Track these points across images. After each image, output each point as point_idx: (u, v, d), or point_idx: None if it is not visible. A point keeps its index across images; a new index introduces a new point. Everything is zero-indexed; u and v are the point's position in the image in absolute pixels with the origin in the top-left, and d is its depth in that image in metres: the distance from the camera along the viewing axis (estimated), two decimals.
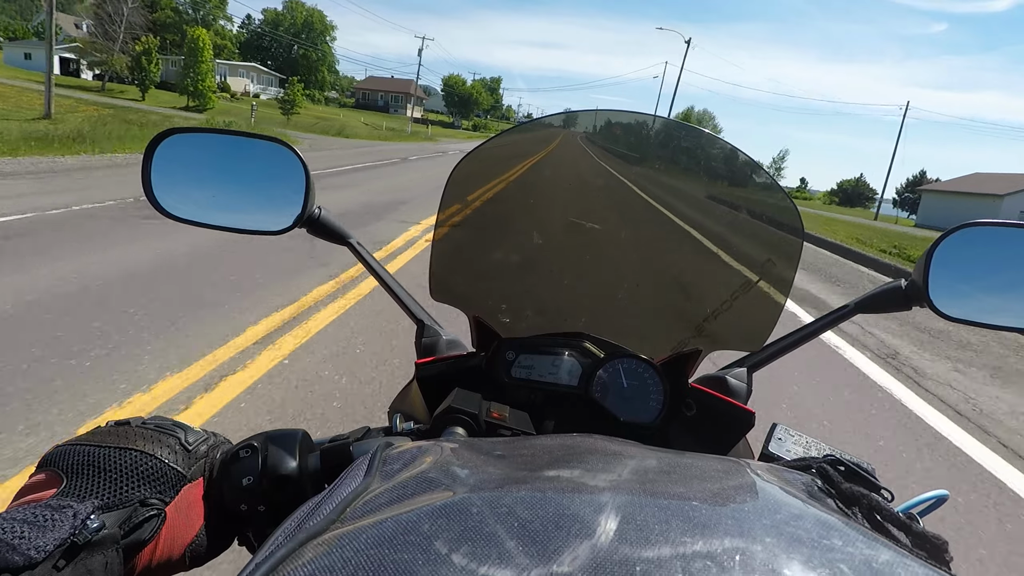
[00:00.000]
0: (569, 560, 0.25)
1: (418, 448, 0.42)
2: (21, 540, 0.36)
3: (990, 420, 3.94)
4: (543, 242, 0.86)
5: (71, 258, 4.58)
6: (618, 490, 0.33)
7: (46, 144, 11.27)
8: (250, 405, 2.73)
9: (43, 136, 11.83)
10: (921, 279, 0.68)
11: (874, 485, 0.48)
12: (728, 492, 0.35)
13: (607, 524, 0.28)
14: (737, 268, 0.80)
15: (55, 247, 4.84)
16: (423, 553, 0.26)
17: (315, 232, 0.81)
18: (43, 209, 6.15)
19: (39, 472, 0.45)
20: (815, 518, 0.32)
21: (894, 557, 0.28)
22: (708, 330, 0.78)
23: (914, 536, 0.40)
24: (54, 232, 5.34)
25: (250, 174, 0.79)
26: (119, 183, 8.46)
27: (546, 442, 0.44)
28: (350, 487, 0.35)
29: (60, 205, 6.46)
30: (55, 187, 7.68)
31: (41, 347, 2.97)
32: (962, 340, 5.86)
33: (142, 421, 0.50)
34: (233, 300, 4.07)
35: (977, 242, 0.68)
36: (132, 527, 0.43)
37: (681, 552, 0.26)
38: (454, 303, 0.81)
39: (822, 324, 0.76)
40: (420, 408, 0.74)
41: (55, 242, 5.00)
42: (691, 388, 0.73)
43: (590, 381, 0.72)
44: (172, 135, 0.75)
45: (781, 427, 0.65)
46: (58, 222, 5.73)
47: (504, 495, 0.32)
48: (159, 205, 0.75)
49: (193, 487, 0.49)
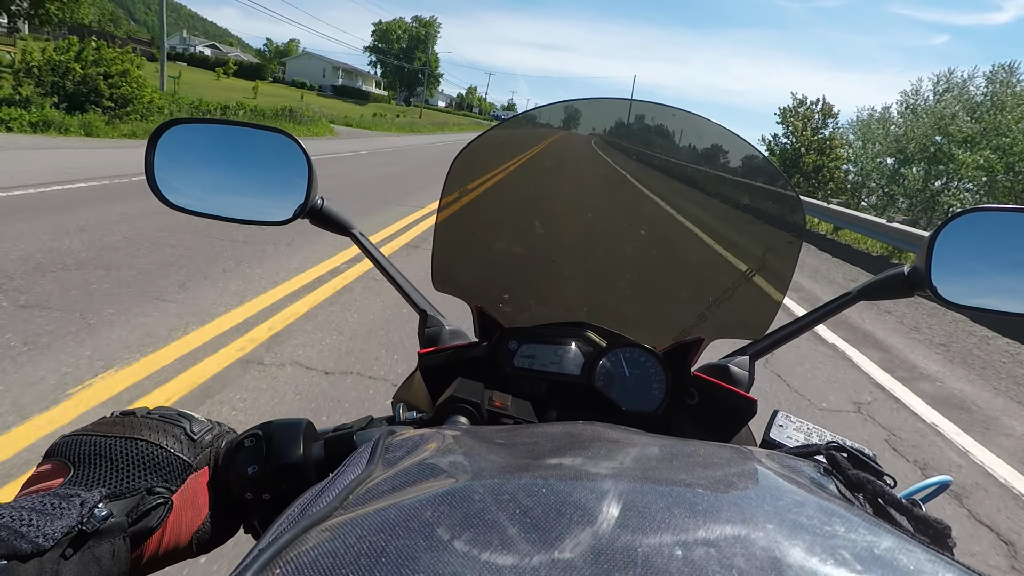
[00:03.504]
0: (571, 547, 0.25)
1: (420, 436, 0.42)
2: (29, 528, 0.37)
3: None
4: (544, 231, 0.86)
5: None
6: (620, 477, 0.33)
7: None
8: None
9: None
10: (924, 265, 0.67)
11: (877, 471, 0.48)
12: (730, 479, 0.35)
13: (609, 511, 0.28)
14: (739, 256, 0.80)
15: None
16: (425, 539, 0.26)
17: (317, 223, 0.81)
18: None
19: (46, 462, 0.46)
20: (817, 505, 0.32)
21: (896, 543, 0.28)
22: (710, 319, 0.78)
23: (917, 521, 0.40)
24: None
25: (253, 165, 0.79)
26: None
27: (548, 430, 0.45)
28: (353, 474, 0.36)
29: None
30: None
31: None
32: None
33: (147, 411, 0.51)
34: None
35: (980, 228, 0.67)
36: (139, 515, 0.44)
37: (683, 539, 0.26)
38: (457, 293, 0.82)
39: (824, 312, 0.76)
40: (423, 398, 0.74)
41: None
42: (693, 377, 0.73)
43: (592, 370, 0.72)
44: (175, 125, 0.75)
45: (782, 414, 0.65)
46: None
47: (506, 482, 0.32)
48: (162, 195, 0.75)
49: (199, 476, 0.49)
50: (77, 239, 4.65)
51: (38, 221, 5.01)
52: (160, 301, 3.66)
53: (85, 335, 3.05)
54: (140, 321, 3.33)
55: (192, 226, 5.26)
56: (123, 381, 2.68)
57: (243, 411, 2.58)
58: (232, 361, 3.03)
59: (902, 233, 9.28)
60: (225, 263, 4.59)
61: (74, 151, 9.80)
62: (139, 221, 5.41)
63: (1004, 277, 0.69)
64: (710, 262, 0.84)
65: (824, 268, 8.98)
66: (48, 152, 9.25)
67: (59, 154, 9.14)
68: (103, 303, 3.48)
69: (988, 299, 0.68)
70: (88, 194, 6.51)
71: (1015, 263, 0.68)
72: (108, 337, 3.07)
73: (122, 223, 5.30)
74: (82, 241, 4.62)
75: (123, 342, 3.04)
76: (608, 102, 0.84)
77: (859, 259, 10.02)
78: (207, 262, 4.56)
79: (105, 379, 2.67)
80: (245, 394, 2.73)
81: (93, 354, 2.87)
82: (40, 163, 8.00)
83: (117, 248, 4.60)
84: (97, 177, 7.46)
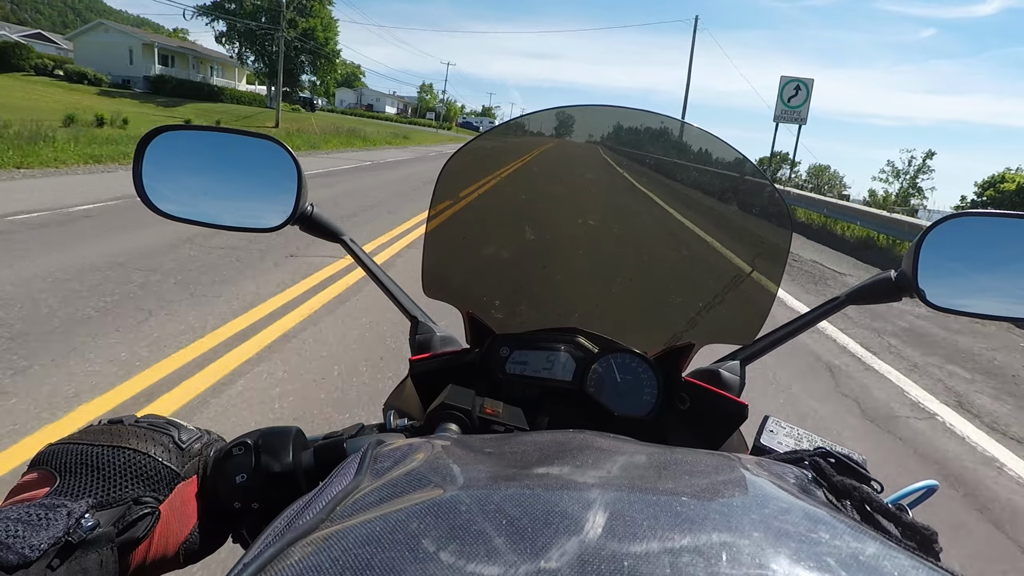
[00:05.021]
0: (557, 556, 0.25)
1: (409, 446, 0.42)
2: (15, 539, 0.36)
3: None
4: (535, 237, 0.86)
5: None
6: (607, 486, 0.33)
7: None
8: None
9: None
10: (910, 269, 0.68)
11: (864, 477, 0.48)
12: (717, 487, 0.35)
13: (595, 520, 0.28)
14: (728, 261, 0.80)
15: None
16: (411, 552, 0.26)
17: (308, 229, 0.80)
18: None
19: (31, 471, 0.45)
20: (803, 512, 0.32)
21: (881, 549, 0.28)
22: (701, 324, 0.78)
23: (904, 527, 0.40)
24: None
25: (242, 172, 0.79)
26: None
27: (537, 439, 0.45)
28: (340, 485, 0.36)
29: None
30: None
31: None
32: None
33: (135, 419, 0.50)
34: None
35: (965, 232, 0.68)
36: (126, 525, 0.43)
37: (669, 547, 0.26)
38: (448, 299, 0.81)
39: (814, 316, 0.77)
40: (414, 405, 0.74)
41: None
42: (684, 382, 0.73)
43: (584, 376, 0.72)
44: (163, 132, 0.75)
45: (773, 419, 0.65)
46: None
47: (493, 493, 0.32)
48: (150, 203, 0.74)
49: (187, 485, 0.49)
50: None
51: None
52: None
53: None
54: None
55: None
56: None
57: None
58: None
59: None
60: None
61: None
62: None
63: (988, 280, 0.70)
64: (701, 267, 0.84)
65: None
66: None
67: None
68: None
69: (973, 302, 0.69)
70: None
71: (998, 267, 0.69)
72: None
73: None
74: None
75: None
76: (592, 109, 0.84)
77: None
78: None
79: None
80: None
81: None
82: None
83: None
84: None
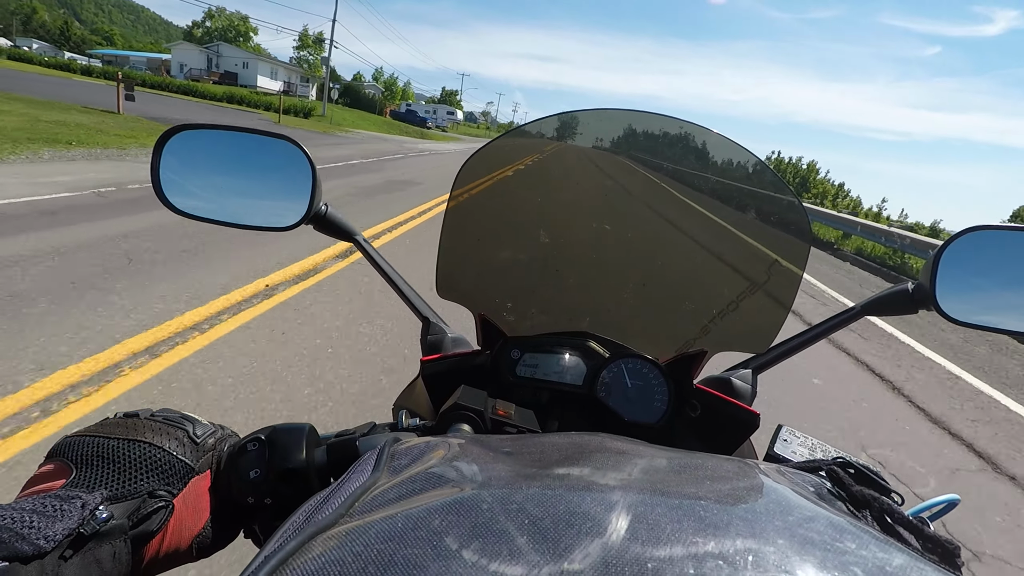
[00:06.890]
0: (580, 558, 0.25)
1: (426, 444, 0.42)
2: (30, 529, 0.36)
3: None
4: (549, 241, 0.86)
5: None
6: (629, 489, 0.33)
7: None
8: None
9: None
10: (928, 282, 0.67)
11: (884, 488, 0.47)
12: (739, 493, 0.35)
13: (618, 522, 0.28)
14: (744, 270, 0.80)
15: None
16: (433, 548, 0.26)
17: (322, 228, 0.80)
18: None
19: (48, 462, 0.45)
20: (827, 520, 0.31)
21: (907, 561, 0.28)
22: (713, 331, 0.78)
23: (925, 540, 0.40)
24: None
25: (258, 171, 0.79)
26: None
27: (555, 440, 0.44)
28: (358, 481, 0.35)
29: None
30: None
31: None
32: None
33: (151, 413, 0.50)
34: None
35: (984, 246, 0.68)
36: (140, 518, 0.44)
37: (693, 552, 0.26)
38: (460, 301, 0.81)
39: (828, 326, 0.76)
40: (425, 405, 0.74)
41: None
42: (696, 389, 0.73)
43: (595, 381, 0.72)
44: (181, 131, 0.75)
45: (787, 429, 0.64)
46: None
47: (514, 492, 0.32)
48: (167, 201, 0.75)
49: (201, 479, 0.49)
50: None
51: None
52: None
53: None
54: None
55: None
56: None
57: None
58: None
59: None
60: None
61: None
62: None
63: (1007, 295, 0.69)
64: (714, 275, 0.84)
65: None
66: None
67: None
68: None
69: (992, 317, 0.68)
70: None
71: (1018, 281, 0.68)
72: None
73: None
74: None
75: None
76: (609, 113, 0.84)
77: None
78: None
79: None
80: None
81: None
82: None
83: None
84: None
